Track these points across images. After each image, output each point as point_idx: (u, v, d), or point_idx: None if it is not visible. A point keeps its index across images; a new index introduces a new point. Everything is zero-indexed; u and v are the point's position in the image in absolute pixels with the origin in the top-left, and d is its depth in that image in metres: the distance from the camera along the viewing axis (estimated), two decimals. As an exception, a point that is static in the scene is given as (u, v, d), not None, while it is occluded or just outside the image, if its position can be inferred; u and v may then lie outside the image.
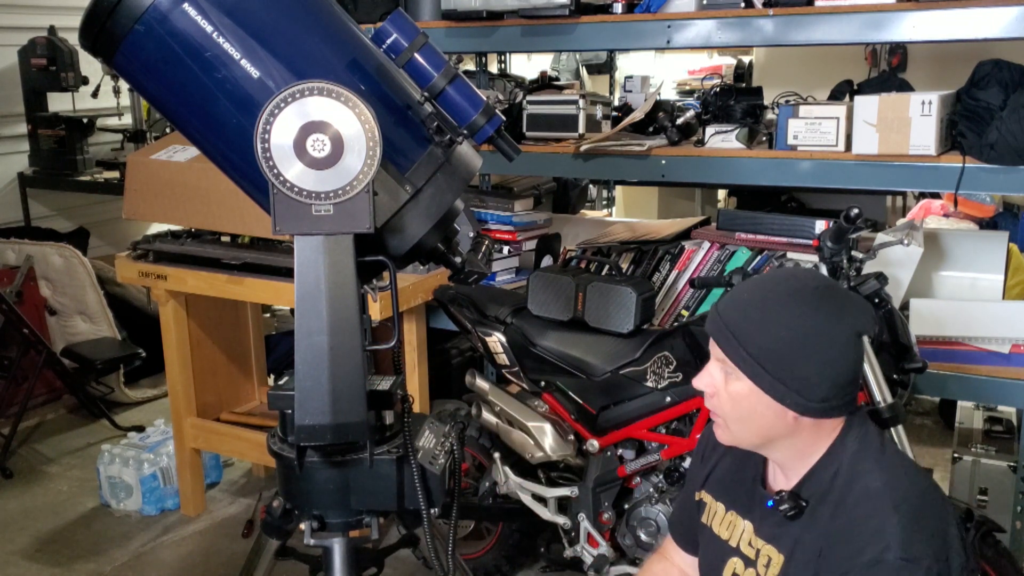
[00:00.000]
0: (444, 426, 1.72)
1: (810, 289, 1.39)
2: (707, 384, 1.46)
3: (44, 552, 3.24)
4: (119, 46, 1.43)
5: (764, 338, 1.37)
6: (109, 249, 5.03)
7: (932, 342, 2.63)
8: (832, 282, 1.45)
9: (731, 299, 1.45)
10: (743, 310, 1.41)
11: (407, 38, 1.47)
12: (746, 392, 1.39)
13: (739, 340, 1.39)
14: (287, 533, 1.70)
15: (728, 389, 1.42)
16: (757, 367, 1.37)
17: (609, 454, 2.53)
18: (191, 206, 3.05)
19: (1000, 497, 2.85)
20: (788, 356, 1.36)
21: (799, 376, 1.35)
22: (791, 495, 1.42)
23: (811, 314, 1.36)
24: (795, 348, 1.35)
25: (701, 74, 6.98)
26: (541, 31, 3.03)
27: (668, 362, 2.39)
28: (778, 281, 1.44)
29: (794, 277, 1.44)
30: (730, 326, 1.40)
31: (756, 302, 1.41)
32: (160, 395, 4.54)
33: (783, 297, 1.39)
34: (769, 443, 1.44)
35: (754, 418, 1.41)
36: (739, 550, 1.52)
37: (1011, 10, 2.39)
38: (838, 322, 1.36)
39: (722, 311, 1.44)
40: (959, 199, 4.41)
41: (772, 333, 1.36)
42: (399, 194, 1.47)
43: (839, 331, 1.36)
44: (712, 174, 2.93)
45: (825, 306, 1.37)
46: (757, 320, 1.38)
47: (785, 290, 1.40)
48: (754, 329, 1.38)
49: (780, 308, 1.38)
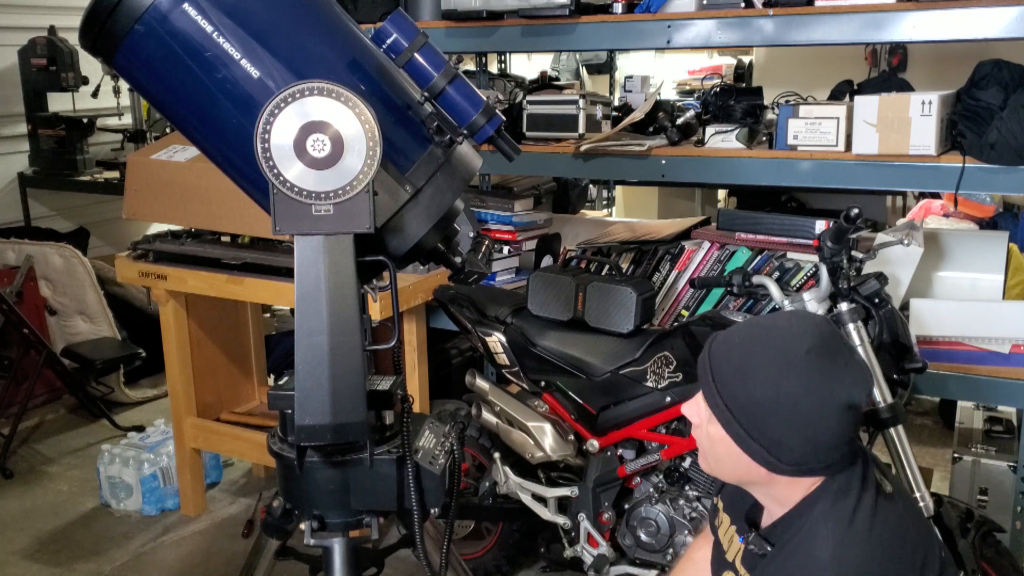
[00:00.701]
0: (444, 426, 1.72)
1: (800, 352, 1.31)
2: (693, 414, 1.44)
3: (44, 552, 3.24)
4: (119, 46, 1.43)
5: (740, 392, 1.33)
6: (109, 249, 5.03)
7: (932, 342, 2.63)
8: (834, 343, 1.35)
9: (723, 341, 1.40)
10: (729, 358, 1.37)
11: (407, 38, 1.47)
12: (720, 438, 1.37)
13: (717, 387, 1.36)
14: (287, 533, 1.70)
15: (707, 428, 1.39)
16: (731, 418, 1.34)
17: (609, 454, 2.53)
18: (191, 206, 3.05)
19: (1000, 497, 2.85)
20: (763, 416, 1.31)
21: (771, 437, 1.31)
22: (757, 536, 1.42)
23: (793, 379, 1.29)
24: (771, 411, 1.30)
25: (701, 74, 6.98)
26: (541, 31, 3.03)
27: (668, 362, 2.39)
28: (773, 334, 1.36)
29: (791, 334, 1.35)
30: (714, 371, 1.37)
31: (743, 352, 1.35)
32: (160, 395, 4.55)
33: (769, 355, 1.33)
34: (747, 485, 1.44)
35: (728, 462, 1.39)
36: (733, 565, 1.52)
37: (1011, 10, 2.39)
38: (822, 393, 1.29)
39: (712, 352, 1.40)
40: (959, 199, 4.41)
41: (750, 391, 1.32)
42: (399, 194, 1.47)
43: (821, 402, 1.29)
44: (712, 174, 2.93)
45: (811, 375, 1.30)
46: (739, 373, 1.34)
47: (776, 348, 1.33)
48: (733, 380, 1.34)
49: (764, 366, 1.32)
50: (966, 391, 2.69)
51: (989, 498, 2.89)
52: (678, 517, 2.42)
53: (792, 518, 1.39)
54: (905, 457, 2.11)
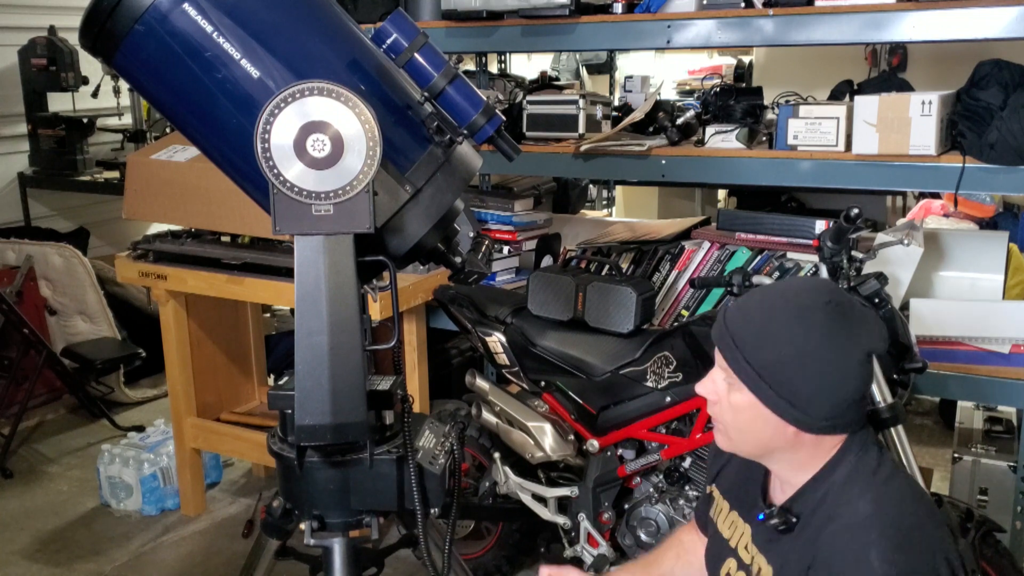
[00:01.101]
0: (444, 426, 1.72)
1: (820, 305, 1.34)
2: (709, 391, 1.44)
3: (44, 552, 3.24)
4: (119, 46, 1.43)
5: (768, 353, 1.34)
6: (109, 249, 5.03)
7: (932, 342, 2.63)
8: (846, 297, 1.40)
9: (739, 308, 1.42)
10: (749, 321, 1.38)
11: (407, 38, 1.47)
12: (747, 403, 1.37)
13: (742, 351, 1.36)
14: (287, 533, 1.70)
15: (730, 398, 1.40)
16: (759, 380, 1.35)
17: (609, 454, 2.53)
18: (191, 206, 3.05)
19: (1000, 497, 2.85)
20: (791, 373, 1.33)
21: (801, 394, 1.33)
22: (781, 510, 1.41)
23: (819, 333, 1.32)
24: (799, 366, 1.32)
25: (701, 74, 6.98)
26: (541, 31, 3.03)
27: (668, 362, 2.39)
28: (788, 295, 1.40)
29: (806, 290, 1.40)
30: (735, 336, 1.38)
31: (763, 314, 1.38)
32: (160, 395, 4.55)
33: (792, 312, 1.35)
34: (768, 454, 1.43)
35: (754, 430, 1.39)
36: (736, 552, 1.52)
37: (1011, 10, 2.39)
38: (846, 342, 1.33)
39: (728, 320, 1.41)
40: (959, 199, 4.41)
41: (776, 348, 1.34)
42: (399, 194, 1.47)
43: (847, 352, 1.33)
44: (712, 174, 2.93)
45: (834, 325, 1.33)
46: (762, 333, 1.35)
47: (795, 305, 1.36)
48: (759, 342, 1.35)
49: (787, 323, 1.34)
50: (966, 391, 2.69)
51: (989, 498, 2.89)
52: (678, 517, 2.42)
53: (816, 484, 1.39)
54: (905, 457, 2.11)
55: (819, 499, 1.38)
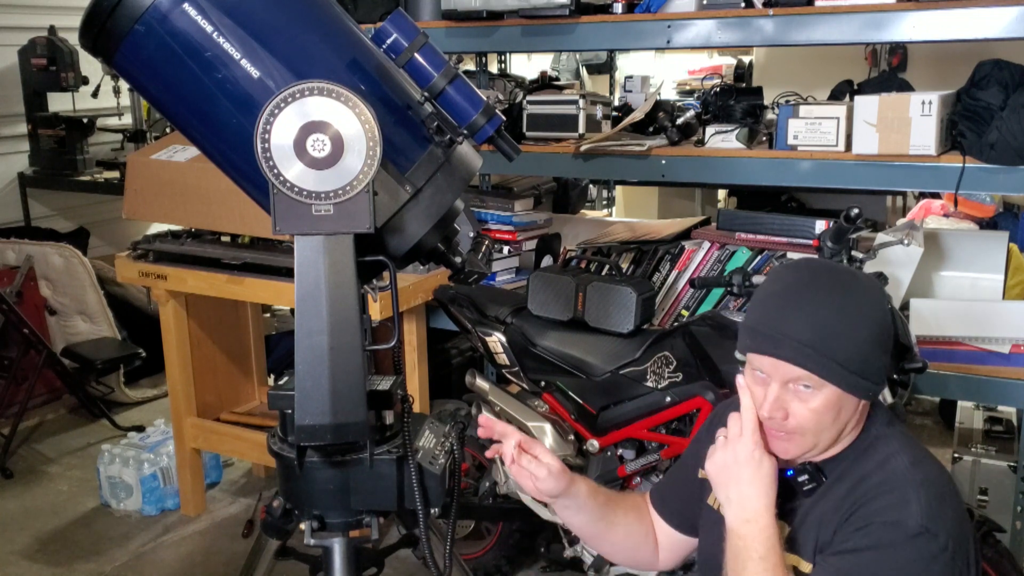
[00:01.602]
0: (444, 426, 1.72)
1: (839, 271, 1.42)
2: (776, 409, 1.39)
3: (44, 552, 3.24)
4: (119, 46, 1.42)
5: (850, 345, 1.35)
6: (109, 249, 5.03)
7: (932, 342, 2.63)
8: (837, 264, 1.49)
9: (784, 315, 1.38)
10: (813, 325, 1.35)
11: (407, 38, 1.47)
12: (832, 401, 1.36)
13: (831, 355, 1.34)
14: (287, 533, 1.69)
15: (809, 406, 1.37)
16: (848, 375, 1.35)
17: (609, 454, 2.53)
18: (191, 206, 3.05)
19: (1000, 497, 2.85)
20: (871, 352, 1.37)
21: (877, 367, 1.37)
22: (815, 467, 1.42)
23: (854, 297, 1.38)
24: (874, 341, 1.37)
25: (701, 74, 6.98)
26: (541, 31, 3.03)
27: (668, 362, 2.39)
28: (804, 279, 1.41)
29: (816, 267, 1.45)
30: (813, 345, 1.34)
31: (822, 310, 1.36)
32: (160, 395, 4.54)
33: (823, 289, 1.38)
34: (837, 438, 1.43)
35: (837, 421, 1.39)
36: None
37: (1011, 10, 2.39)
38: (877, 297, 1.41)
39: (785, 329, 1.36)
40: (959, 199, 4.41)
41: (854, 336, 1.35)
42: (399, 194, 1.46)
43: (881, 305, 1.40)
44: (712, 174, 2.93)
45: (860, 285, 1.40)
46: (836, 329, 1.35)
47: (820, 283, 1.39)
48: (839, 339, 1.35)
49: (827, 301, 1.37)
50: (966, 391, 2.69)
51: (989, 498, 2.89)
52: (678, 517, 2.42)
53: (852, 449, 1.43)
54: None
55: (855, 458, 1.42)
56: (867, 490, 1.37)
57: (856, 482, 1.39)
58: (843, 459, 1.43)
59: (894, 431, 1.43)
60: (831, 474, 1.42)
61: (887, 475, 1.37)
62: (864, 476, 1.39)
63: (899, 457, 1.39)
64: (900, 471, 1.36)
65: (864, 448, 1.42)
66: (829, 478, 1.41)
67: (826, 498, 1.40)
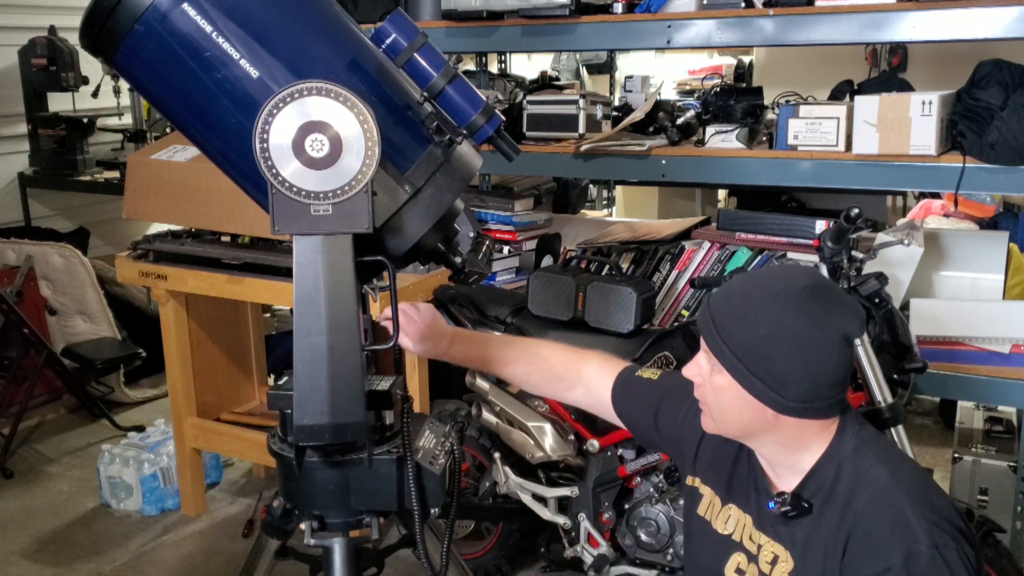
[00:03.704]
0: (444, 426, 1.72)
1: (797, 288, 1.37)
2: (694, 373, 1.48)
3: (44, 552, 3.24)
4: (119, 46, 1.42)
5: (743, 333, 1.37)
6: (109, 249, 5.03)
7: (932, 342, 2.63)
8: (827, 283, 1.43)
9: (721, 292, 1.46)
10: (729, 303, 1.41)
11: (406, 38, 1.47)
12: (727, 385, 1.40)
13: (720, 333, 1.39)
14: (287, 533, 1.69)
15: (712, 380, 1.43)
16: (735, 361, 1.37)
17: (609, 454, 2.53)
18: (191, 206, 3.05)
19: (1000, 497, 2.85)
20: (765, 353, 1.35)
21: (775, 374, 1.35)
22: (793, 496, 1.41)
23: (793, 313, 1.35)
24: (773, 347, 1.35)
25: (701, 74, 6.98)
26: (541, 31, 3.03)
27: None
28: (768, 278, 1.43)
29: (786, 275, 1.42)
30: (715, 318, 1.41)
31: (742, 297, 1.41)
32: (160, 395, 4.55)
33: (769, 294, 1.38)
34: (751, 436, 1.45)
35: (734, 411, 1.41)
36: (742, 544, 1.51)
37: (1011, 10, 2.39)
38: (822, 324, 1.34)
39: (711, 303, 1.45)
40: (959, 199, 4.41)
41: (752, 330, 1.36)
42: (398, 194, 1.46)
43: (822, 333, 1.34)
44: (712, 174, 2.93)
45: (811, 307, 1.35)
46: (739, 314, 1.38)
47: (773, 287, 1.39)
48: (735, 323, 1.38)
49: (763, 305, 1.37)
50: (966, 391, 2.69)
51: (989, 498, 2.89)
52: (678, 517, 2.42)
53: (823, 467, 1.41)
54: (905, 457, 2.11)
55: (832, 478, 1.40)
56: (859, 513, 1.35)
57: (844, 504, 1.37)
58: (817, 479, 1.41)
59: (866, 440, 1.41)
60: (813, 497, 1.40)
61: (873, 493, 1.36)
62: (850, 495, 1.37)
63: (878, 469, 1.37)
64: (884, 485, 1.36)
65: (838, 465, 1.40)
66: (815, 502, 1.40)
67: (821, 524, 1.39)
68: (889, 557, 1.30)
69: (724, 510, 1.56)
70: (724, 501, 1.57)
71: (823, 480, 1.41)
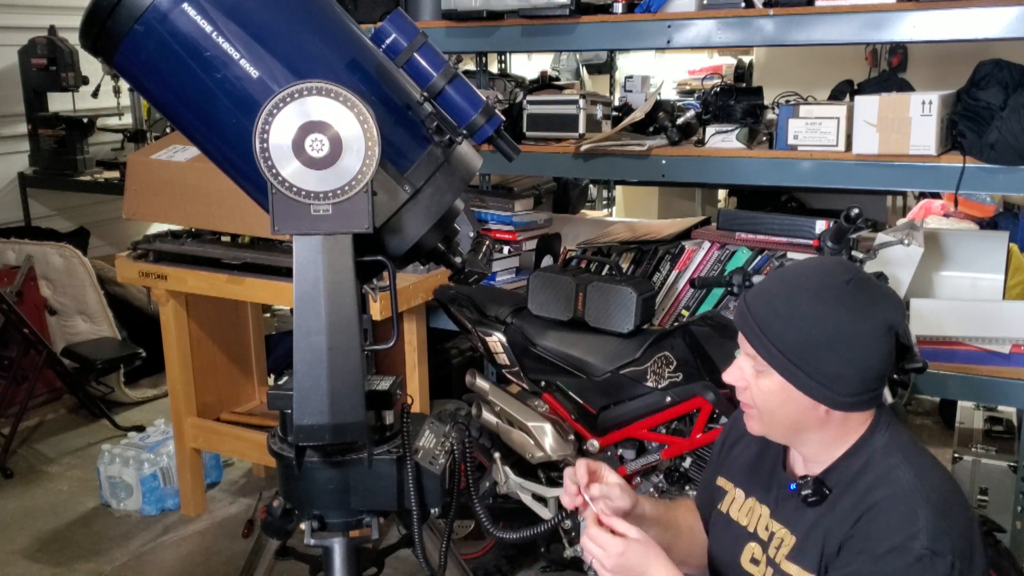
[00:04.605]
0: (444, 426, 1.72)
1: (841, 284, 1.37)
2: (737, 378, 1.46)
3: (44, 552, 3.24)
4: (119, 46, 1.43)
5: (793, 334, 1.36)
6: (109, 249, 5.03)
7: (932, 342, 2.63)
8: (865, 274, 1.43)
9: (759, 293, 1.44)
10: (772, 305, 1.40)
11: (406, 38, 1.47)
12: (777, 387, 1.39)
13: (768, 336, 1.38)
14: (287, 533, 1.70)
15: (758, 384, 1.42)
16: (786, 362, 1.37)
17: (609, 454, 2.53)
18: (191, 206, 3.05)
19: (1000, 497, 2.85)
20: (817, 352, 1.35)
21: (829, 372, 1.35)
22: (816, 481, 1.42)
23: (841, 310, 1.35)
24: (824, 345, 1.35)
25: (701, 74, 6.97)
26: (541, 31, 3.02)
27: (668, 362, 2.39)
28: (807, 275, 1.42)
29: (824, 271, 1.42)
30: (759, 321, 1.40)
31: (785, 296, 1.40)
32: (160, 395, 4.55)
33: (813, 292, 1.38)
34: (799, 435, 1.44)
35: (785, 412, 1.41)
36: (756, 534, 1.52)
37: (1011, 10, 2.39)
38: (869, 318, 1.36)
39: (750, 305, 1.43)
40: (959, 199, 4.41)
41: (801, 329, 1.36)
42: (398, 194, 1.46)
43: (870, 327, 1.36)
44: (712, 174, 2.93)
45: (856, 302, 1.36)
46: (786, 315, 1.38)
47: (816, 285, 1.38)
48: (783, 324, 1.37)
49: (809, 303, 1.37)
50: (966, 391, 2.69)
51: (989, 498, 2.89)
52: (678, 517, 2.42)
53: (851, 458, 1.42)
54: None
55: (857, 470, 1.40)
56: (872, 504, 1.36)
57: (861, 495, 1.38)
58: (843, 469, 1.42)
59: (898, 440, 1.42)
60: (835, 486, 1.41)
61: (892, 489, 1.36)
62: (869, 488, 1.38)
63: (903, 469, 1.37)
64: (905, 484, 1.35)
65: (866, 459, 1.41)
66: (834, 490, 1.41)
67: (833, 511, 1.40)
68: (883, 543, 1.31)
69: (746, 503, 1.57)
70: (747, 495, 1.58)
71: (847, 470, 1.41)
